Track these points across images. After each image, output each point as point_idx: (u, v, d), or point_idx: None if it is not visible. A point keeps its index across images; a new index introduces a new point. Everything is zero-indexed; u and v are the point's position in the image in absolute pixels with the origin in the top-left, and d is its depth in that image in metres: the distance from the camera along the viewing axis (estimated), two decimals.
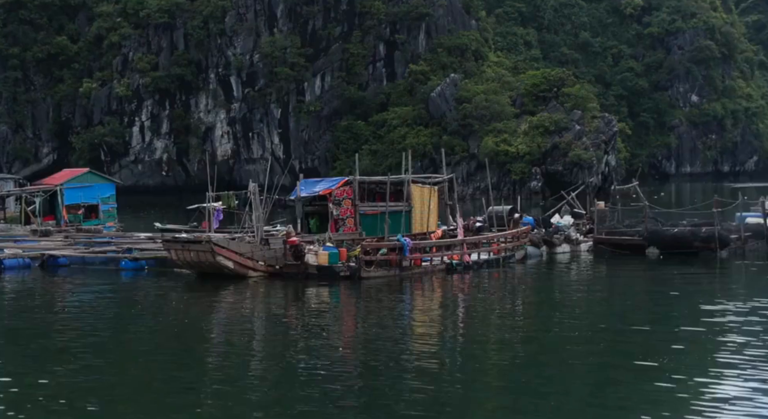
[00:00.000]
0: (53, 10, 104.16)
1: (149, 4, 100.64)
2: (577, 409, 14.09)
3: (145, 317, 23.01)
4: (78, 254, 32.27)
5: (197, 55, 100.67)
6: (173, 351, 18.63)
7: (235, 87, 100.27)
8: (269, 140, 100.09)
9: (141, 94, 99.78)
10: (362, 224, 30.99)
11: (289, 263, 27.84)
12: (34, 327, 21.42)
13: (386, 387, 15.20)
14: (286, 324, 21.82)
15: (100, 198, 47.94)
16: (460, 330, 21.51)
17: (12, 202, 49.87)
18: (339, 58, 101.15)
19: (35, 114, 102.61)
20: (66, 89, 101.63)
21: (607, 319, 22.35)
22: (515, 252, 32.55)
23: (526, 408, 14.08)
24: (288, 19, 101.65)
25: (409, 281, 28.04)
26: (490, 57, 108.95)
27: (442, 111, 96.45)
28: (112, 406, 14.24)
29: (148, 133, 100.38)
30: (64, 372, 16.22)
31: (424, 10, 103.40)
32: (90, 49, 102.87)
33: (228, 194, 34.05)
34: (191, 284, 27.95)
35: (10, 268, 30.71)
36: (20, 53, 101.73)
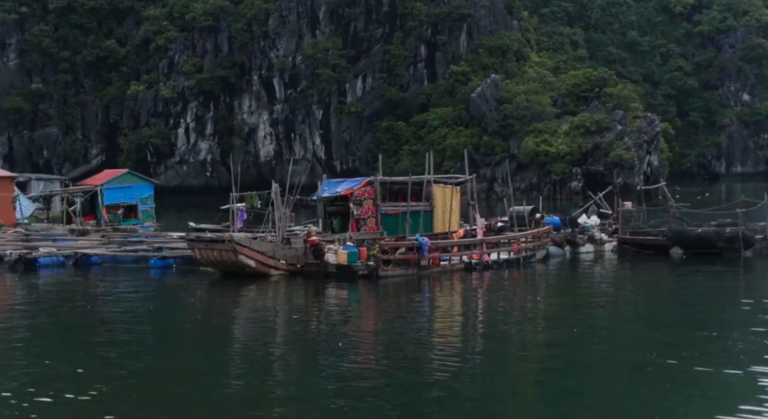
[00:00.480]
0: (103, 15, 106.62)
1: (194, 7, 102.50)
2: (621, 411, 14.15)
3: (167, 313, 23.91)
4: (110, 252, 33.38)
5: (241, 57, 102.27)
6: (193, 347, 19.35)
7: (278, 89, 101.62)
8: (311, 141, 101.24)
9: (186, 96, 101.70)
10: (384, 224, 31.56)
11: (310, 262, 28.55)
12: (59, 321, 22.45)
13: (409, 382, 15.49)
14: (304, 320, 22.54)
15: (139, 198, 49.17)
16: (478, 326, 22.12)
17: (58, 202, 51.44)
18: (380, 59, 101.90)
19: (85, 116, 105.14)
20: (114, 92, 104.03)
21: (623, 317, 22.67)
22: (536, 252, 32.88)
23: (550, 404, 14.39)
24: (330, 21, 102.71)
25: (427, 280, 28.59)
26: (532, 57, 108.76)
27: (483, 111, 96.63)
28: (139, 398, 14.73)
29: (192, 134, 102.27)
30: (87, 365, 16.98)
31: (465, 10, 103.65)
32: (137, 53, 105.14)
33: (251, 194, 34.92)
34: (215, 282, 28.83)
35: (45, 266, 31.90)
36: (71, 57, 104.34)
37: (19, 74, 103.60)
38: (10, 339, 19.76)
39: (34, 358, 17.60)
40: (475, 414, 13.91)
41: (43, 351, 18.37)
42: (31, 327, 21.50)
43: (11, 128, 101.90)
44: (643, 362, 16.88)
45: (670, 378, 15.57)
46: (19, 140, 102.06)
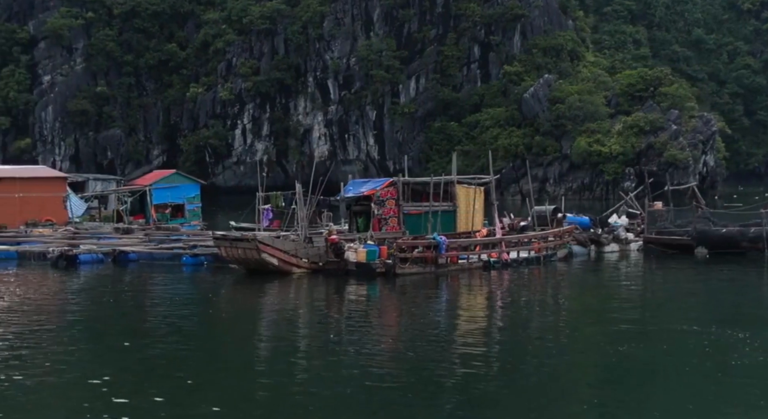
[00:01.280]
0: (164, 19, 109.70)
1: (252, 10, 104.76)
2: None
3: (192, 306, 25.22)
4: (146, 250, 34.96)
5: (296, 59, 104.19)
6: (217, 338, 20.51)
7: (332, 90, 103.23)
8: (364, 142, 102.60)
9: (243, 98, 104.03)
10: (407, 224, 32.50)
11: (331, 260, 29.64)
12: (89, 312, 23.98)
13: (431, 377, 15.94)
14: (324, 315, 23.64)
15: (186, 198, 50.85)
16: (493, 318, 23.14)
17: (114, 201, 53.52)
18: (433, 60, 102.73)
19: (147, 118, 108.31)
20: (175, 94, 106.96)
21: (638, 315, 23.19)
22: (557, 251, 33.45)
23: (567, 398, 14.83)
24: (384, 23, 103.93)
25: (445, 277, 29.47)
26: (587, 57, 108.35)
27: (535, 112, 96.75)
28: (167, 389, 15.41)
29: (249, 135, 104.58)
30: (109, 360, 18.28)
31: (519, 11, 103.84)
32: (197, 55, 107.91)
33: (276, 194, 36.20)
34: (240, 279, 30.10)
35: (84, 262, 33.59)
36: (134, 60, 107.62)
37: (85, 78, 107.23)
38: (52, 328, 21.23)
39: (62, 344, 19.03)
40: (500, 405, 14.40)
41: (72, 339, 19.82)
42: (62, 317, 22.98)
43: (77, 130, 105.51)
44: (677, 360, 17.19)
45: (715, 375, 15.97)
46: (85, 142, 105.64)
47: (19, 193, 43.93)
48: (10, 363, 16.99)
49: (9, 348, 18.37)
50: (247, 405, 14.39)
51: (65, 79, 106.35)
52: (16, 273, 32.11)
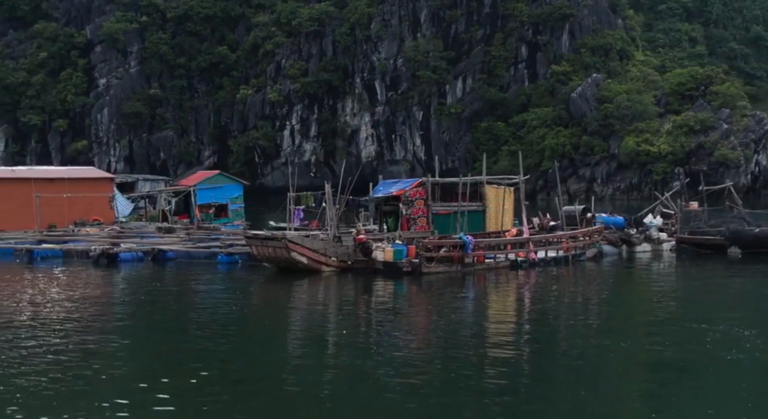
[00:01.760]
0: (216, 22, 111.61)
1: (301, 13, 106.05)
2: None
3: (223, 302, 26.09)
4: (183, 249, 36.02)
5: (344, 60, 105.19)
6: (247, 332, 21.32)
7: (379, 91, 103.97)
8: (411, 142, 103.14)
9: (291, 99, 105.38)
10: (436, 223, 33.00)
11: (359, 259, 30.30)
12: (123, 307, 25.01)
13: (459, 372, 16.31)
14: (350, 311, 24.42)
15: (229, 198, 52.01)
16: (520, 316, 23.74)
17: (162, 201, 54.92)
18: (480, 60, 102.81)
19: (198, 119, 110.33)
20: (225, 96, 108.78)
21: (665, 313, 23.35)
22: (586, 250, 33.65)
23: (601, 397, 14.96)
24: (431, 24, 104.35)
25: (471, 276, 29.94)
26: (637, 56, 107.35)
27: (583, 111, 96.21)
28: (198, 382, 15.85)
29: (297, 136, 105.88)
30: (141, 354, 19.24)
31: (567, 10, 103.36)
32: (247, 58, 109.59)
33: (306, 194, 36.97)
34: (271, 277, 30.92)
35: (125, 261, 34.78)
36: (186, 63, 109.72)
37: (139, 80, 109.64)
38: (88, 322, 22.26)
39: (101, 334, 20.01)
40: (529, 400, 14.60)
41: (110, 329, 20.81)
42: (98, 312, 23.98)
43: (131, 132, 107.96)
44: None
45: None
46: (139, 143, 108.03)
47: (68, 193, 45.36)
48: (54, 358, 17.64)
49: (52, 342, 19.14)
50: (278, 396, 14.94)
51: (120, 82, 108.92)
52: (60, 271, 33.41)
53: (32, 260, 36.22)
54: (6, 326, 21.05)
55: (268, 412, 14.15)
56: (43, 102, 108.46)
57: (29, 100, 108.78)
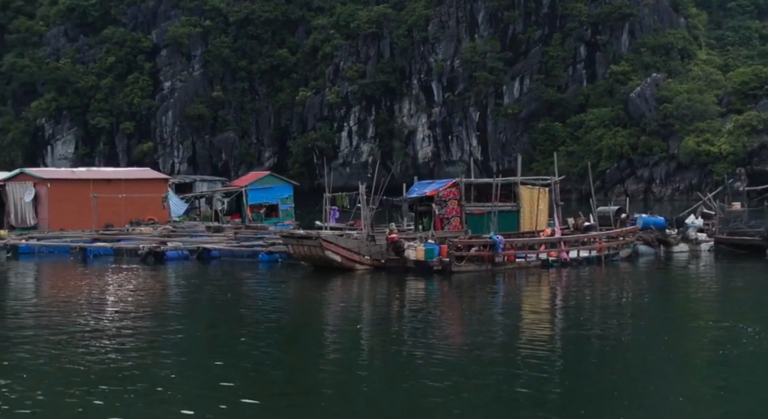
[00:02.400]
0: (276, 25, 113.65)
1: (359, 15, 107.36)
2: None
3: (262, 299, 27.11)
4: (227, 247, 37.27)
5: (401, 62, 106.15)
6: (283, 327, 22.12)
7: (436, 92, 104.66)
8: (468, 143, 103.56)
9: (349, 100, 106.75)
10: (469, 223, 33.58)
11: (391, 258, 31.08)
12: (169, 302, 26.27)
13: (496, 371, 16.41)
14: (383, 304, 25.50)
15: (280, 199, 53.32)
16: (545, 312, 24.35)
17: (215, 201, 56.57)
18: (538, 60, 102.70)
19: (259, 121, 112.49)
20: (285, 98, 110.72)
21: (698, 311, 23.64)
22: (619, 250, 33.87)
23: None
24: (489, 25, 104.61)
25: (502, 275, 30.48)
26: (699, 55, 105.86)
27: (642, 111, 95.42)
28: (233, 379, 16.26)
29: (355, 137, 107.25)
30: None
31: (627, 10, 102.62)
32: (306, 60, 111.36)
33: (341, 195, 37.89)
34: (308, 274, 31.89)
35: (171, 259, 36.15)
36: (247, 66, 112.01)
37: (202, 83, 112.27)
38: (126, 318, 23.56)
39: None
40: (569, 397, 14.66)
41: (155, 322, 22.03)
42: (139, 308, 25.27)
43: (194, 133, 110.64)
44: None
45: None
46: (201, 144, 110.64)
47: (123, 193, 47.13)
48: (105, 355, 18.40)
49: (104, 337, 20.05)
50: (314, 389, 15.46)
51: (184, 85, 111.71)
52: (110, 268, 34.90)
53: (85, 258, 37.79)
54: (53, 324, 22.25)
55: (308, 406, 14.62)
56: (110, 105, 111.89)
57: (98, 103, 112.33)
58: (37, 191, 47.30)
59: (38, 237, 42.79)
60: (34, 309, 24.79)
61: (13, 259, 38.80)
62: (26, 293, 29.90)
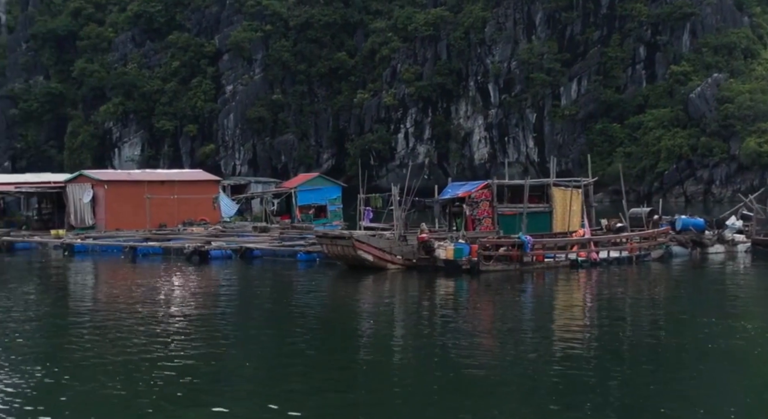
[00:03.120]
0: (335, 29, 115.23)
1: (417, 18, 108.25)
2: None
3: (296, 296, 28.19)
4: (269, 247, 38.47)
5: (458, 64, 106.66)
6: (317, 325, 23.02)
7: (493, 94, 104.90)
8: (524, 144, 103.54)
9: (406, 102, 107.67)
10: (502, 224, 34.18)
11: (422, 257, 31.87)
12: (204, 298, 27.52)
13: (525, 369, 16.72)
14: (413, 302, 26.34)
15: (328, 200, 54.48)
16: (572, 309, 24.94)
17: (269, 202, 58.01)
18: (596, 61, 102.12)
19: (317, 123, 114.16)
20: (343, 100, 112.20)
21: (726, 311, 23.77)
22: (651, 251, 34.07)
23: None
24: (546, 26, 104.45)
25: (530, 274, 31.03)
26: (763, 54, 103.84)
27: (702, 112, 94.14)
28: (272, 377, 16.92)
29: (411, 139, 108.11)
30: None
31: (689, 9, 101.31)
32: (364, 63, 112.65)
33: (375, 196, 38.81)
34: (342, 273, 32.86)
35: (215, 258, 37.50)
36: (306, 69, 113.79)
37: (263, 86, 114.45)
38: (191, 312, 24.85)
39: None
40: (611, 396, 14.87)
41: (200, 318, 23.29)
42: (180, 304, 26.60)
43: (255, 136, 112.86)
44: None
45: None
46: (261, 147, 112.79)
47: (175, 194, 48.80)
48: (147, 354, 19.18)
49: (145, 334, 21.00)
50: (352, 386, 16.08)
51: (245, 88, 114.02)
52: (157, 267, 36.41)
53: (135, 257, 39.41)
54: (94, 319, 23.60)
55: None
56: (175, 108, 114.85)
57: (163, 106, 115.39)
58: (95, 193, 49.24)
59: (93, 236, 44.67)
60: (90, 304, 26.49)
61: (69, 257, 40.65)
62: (81, 289, 31.52)
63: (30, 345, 19.54)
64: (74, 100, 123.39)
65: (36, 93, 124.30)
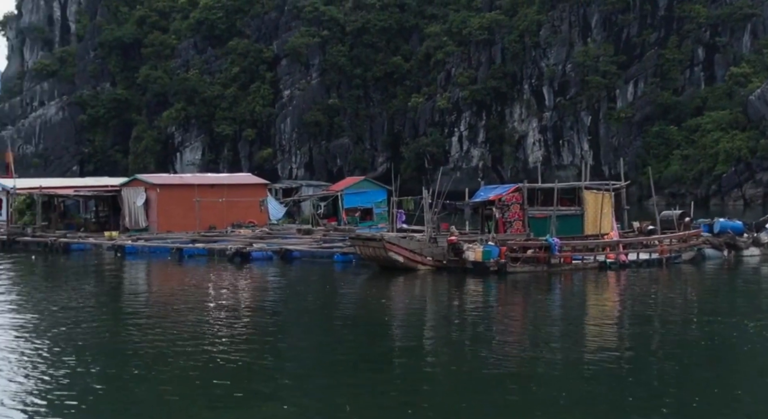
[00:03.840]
0: (391, 33, 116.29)
1: (472, 22, 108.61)
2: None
3: (329, 296, 29.25)
4: (307, 248, 39.54)
5: (512, 67, 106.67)
6: (349, 322, 24.02)
7: (547, 96, 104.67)
8: (579, 147, 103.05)
9: (460, 106, 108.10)
10: (532, 226, 34.67)
11: (451, 258, 32.58)
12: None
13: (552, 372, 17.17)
14: (442, 303, 27.37)
15: (374, 203, 55.38)
16: (596, 308, 25.69)
17: (316, 205, 59.19)
18: (653, 63, 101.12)
19: (372, 127, 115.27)
20: (398, 104, 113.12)
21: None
22: (681, 253, 34.19)
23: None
24: (602, 29, 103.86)
25: (558, 276, 31.49)
26: None
27: (762, 114, 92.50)
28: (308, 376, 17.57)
29: (465, 142, 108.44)
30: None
31: (749, 10, 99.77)
32: (419, 67, 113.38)
33: (407, 199, 39.56)
34: (374, 274, 33.73)
35: (256, 259, 38.74)
36: (362, 73, 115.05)
37: (319, 91, 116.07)
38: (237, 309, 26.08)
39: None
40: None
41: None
42: (215, 302, 27.80)
43: (311, 140, 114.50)
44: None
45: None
46: (318, 150, 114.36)
47: (223, 198, 50.23)
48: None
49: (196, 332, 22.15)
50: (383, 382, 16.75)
51: (302, 93, 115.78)
52: (201, 267, 37.86)
53: (181, 258, 40.90)
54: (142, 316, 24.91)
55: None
56: (234, 113, 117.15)
57: (222, 111, 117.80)
58: (148, 196, 50.96)
59: (145, 238, 46.32)
60: (142, 300, 28.41)
61: (121, 258, 42.34)
62: (132, 287, 33.08)
63: (88, 338, 20.89)
64: (139, 105, 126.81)
65: (103, 99, 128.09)
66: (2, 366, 17.66)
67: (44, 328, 22.54)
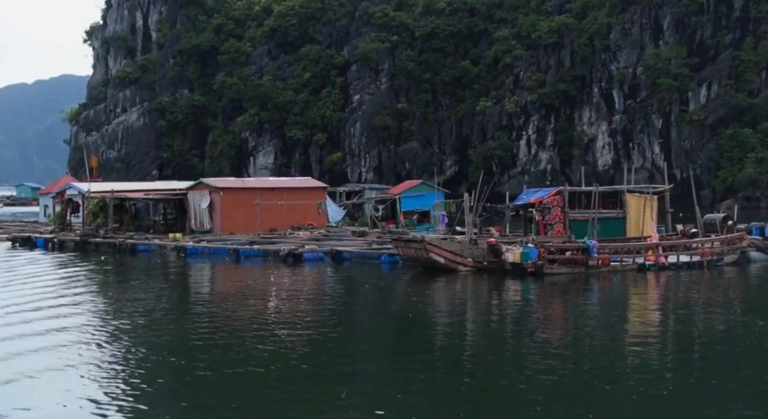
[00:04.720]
0: (460, 38, 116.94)
1: (541, 26, 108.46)
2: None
3: (379, 295, 30.28)
4: (357, 250, 40.64)
5: (582, 70, 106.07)
6: (392, 320, 25.06)
7: (617, 99, 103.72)
8: (649, 150, 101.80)
9: (528, 109, 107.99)
10: (574, 229, 35.09)
11: (491, 260, 33.26)
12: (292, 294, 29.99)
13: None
14: (482, 302, 28.10)
15: (431, 205, 56.26)
16: (634, 309, 26.08)
17: (374, 208, 60.32)
18: (728, 65, 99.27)
19: (441, 131, 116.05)
20: (466, 108, 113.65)
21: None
22: (724, 256, 34.13)
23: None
24: (674, 31, 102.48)
25: (595, 277, 31.85)
26: None
27: None
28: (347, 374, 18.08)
29: (533, 145, 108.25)
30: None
31: None
32: (488, 71, 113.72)
33: (449, 202, 40.27)
34: (417, 274, 34.60)
35: (308, 260, 40.02)
36: (431, 78, 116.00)
37: (389, 95, 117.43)
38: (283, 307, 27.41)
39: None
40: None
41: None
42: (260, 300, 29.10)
43: (380, 144, 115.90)
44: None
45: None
46: (387, 154, 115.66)
47: (282, 201, 51.77)
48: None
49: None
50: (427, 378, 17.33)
51: (371, 98, 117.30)
52: (256, 267, 39.26)
53: (238, 259, 42.43)
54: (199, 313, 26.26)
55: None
56: (305, 118, 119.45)
57: (294, 116, 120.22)
58: (212, 199, 52.86)
59: (207, 240, 48.12)
60: (206, 297, 29.86)
61: (183, 258, 44.12)
62: (195, 286, 34.75)
63: (157, 333, 22.17)
64: (215, 111, 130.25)
65: (181, 105, 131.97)
66: (86, 358, 18.94)
67: (117, 322, 23.74)
